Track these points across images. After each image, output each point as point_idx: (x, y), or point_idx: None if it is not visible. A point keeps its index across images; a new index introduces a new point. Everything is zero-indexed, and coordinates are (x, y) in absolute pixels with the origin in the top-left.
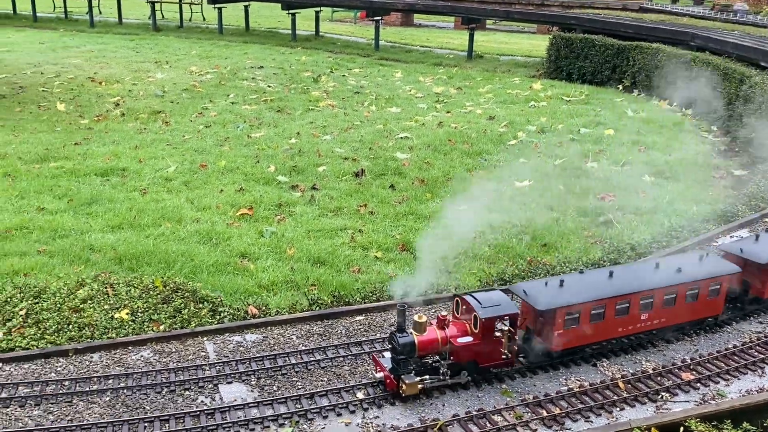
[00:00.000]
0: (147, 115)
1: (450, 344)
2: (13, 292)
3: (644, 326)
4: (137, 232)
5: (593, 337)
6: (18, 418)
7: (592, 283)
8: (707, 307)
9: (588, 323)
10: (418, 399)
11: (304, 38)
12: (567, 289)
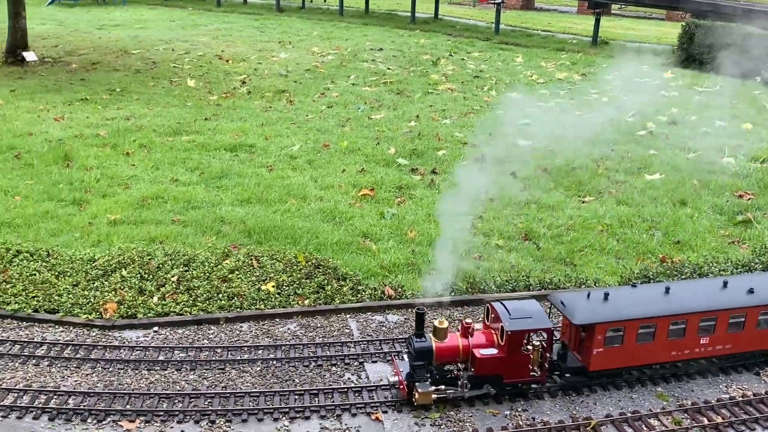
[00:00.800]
0: (272, 93)
1: (472, 355)
2: (164, 259)
3: (704, 351)
4: (264, 207)
5: (640, 359)
6: (175, 381)
7: (642, 298)
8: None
9: (633, 343)
10: (567, 395)
11: (422, 21)
12: (611, 304)
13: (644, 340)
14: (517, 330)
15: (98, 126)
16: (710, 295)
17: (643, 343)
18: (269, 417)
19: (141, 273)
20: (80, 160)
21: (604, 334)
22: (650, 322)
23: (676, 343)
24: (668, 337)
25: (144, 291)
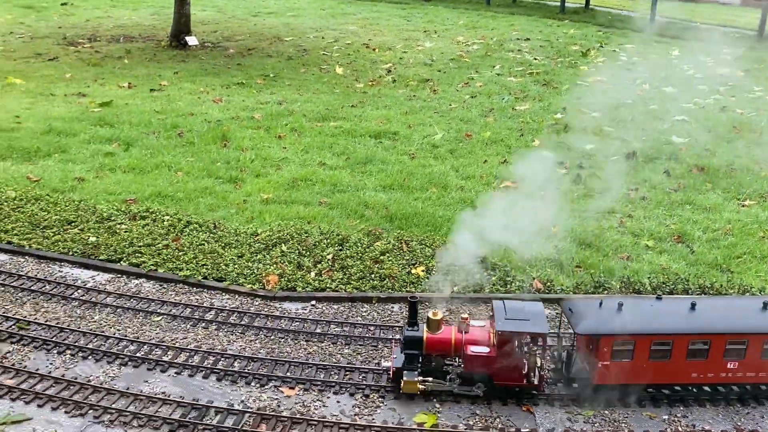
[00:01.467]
0: (416, 82)
1: (463, 351)
2: (319, 238)
3: (733, 378)
4: (406, 194)
5: (653, 377)
6: (332, 354)
7: (662, 312)
8: None
9: (646, 360)
10: (731, 405)
11: (572, 11)
12: (624, 315)
13: (659, 357)
14: (507, 330)
15: (253, 109)
16: (743, 316)
17: (659, 360)
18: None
19: (299, 249)
20: (236, 141)
21: (611, 347)
22: (666, 339)
23: (698, 364)
24: (687, 357)
25: (302, 266)
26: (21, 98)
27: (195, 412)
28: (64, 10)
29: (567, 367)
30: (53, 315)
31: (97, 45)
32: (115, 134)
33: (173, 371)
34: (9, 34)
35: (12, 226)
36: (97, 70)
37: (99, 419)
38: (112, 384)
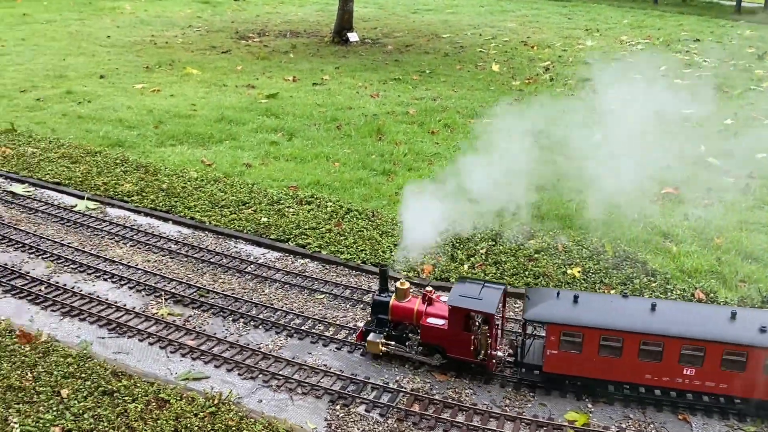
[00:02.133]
0: (575, 81)
1: (421, 321)
2: (473, 232)
3: (690, 385)
4: (559, 195)
5: (604, 373)
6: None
7: (619, 309)
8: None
9: (596, 354)
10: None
11: (749, 11)
12: (578, 307)
13: (609, 353)
14: (456, 306)
15: (408, 104)
16: (705, 323)
17: (609, 356)
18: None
19: (453, 242)
20: (390, 135)
21: (559, 336)
22: (616, 336)
23: (651, 366)
24: (639, 357)
25: (455, 258)
26: (197, 88)
27: (353, 386)
28: (237, 6)
29: (522, 352)
30: (229, 286)
31: (265, 40)
32: (279, 125)
33: (334, 346)
34: (188, 27)
35: (194, 204)
36: (265, 64)
37: (267, 383)
38: (280, 353)
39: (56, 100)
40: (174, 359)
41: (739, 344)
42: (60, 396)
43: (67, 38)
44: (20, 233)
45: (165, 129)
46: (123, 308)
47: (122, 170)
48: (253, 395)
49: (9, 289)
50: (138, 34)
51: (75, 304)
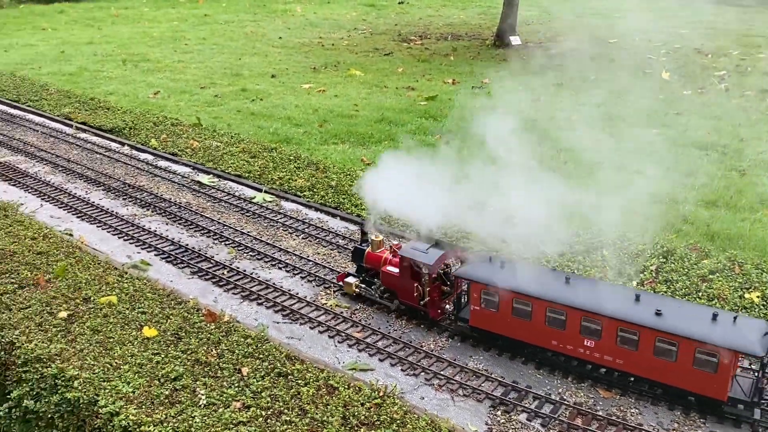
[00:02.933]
0: (754, 92)
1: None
2: (642, 247)
3: (590, 356)
4: (732, 213)
5: (516, 333)
6: None
7: (536, 278)
8: (698, 379)
9: (509, 315)
10: None
11: None
12: (502, 271)
13: (520, 316)
14: (403, 256)
15: (570, 110)
16: (608, 300)
17: (520, 319)
18: None
19: (620, 254)
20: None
21: (479, 294)
22: (525, 300)
23: (557, 333)
24: (546, 323)
25: (622, 273)
26: (360, 88)
27: (514, 394)
28: (401, 8)
29: (458, 307)
30: None
31: (426, 42)
32: (438, 126)
33: (494, 351)
34: (353, 29)
35: (360, 202)
36: (425, 66)
37: (429, 382)
38: (441, 353)
39: (232, 96)
40: (341, 349)
41: (632, 322)
42: (240, 373)
43: (243, 38)
44: (206, 220)
45: (329, 128)
46: (296, 296)
47: (295, 166)
48: (416, 392)
49: (196, 270)
50: (307, 35)
51: (253, 289)
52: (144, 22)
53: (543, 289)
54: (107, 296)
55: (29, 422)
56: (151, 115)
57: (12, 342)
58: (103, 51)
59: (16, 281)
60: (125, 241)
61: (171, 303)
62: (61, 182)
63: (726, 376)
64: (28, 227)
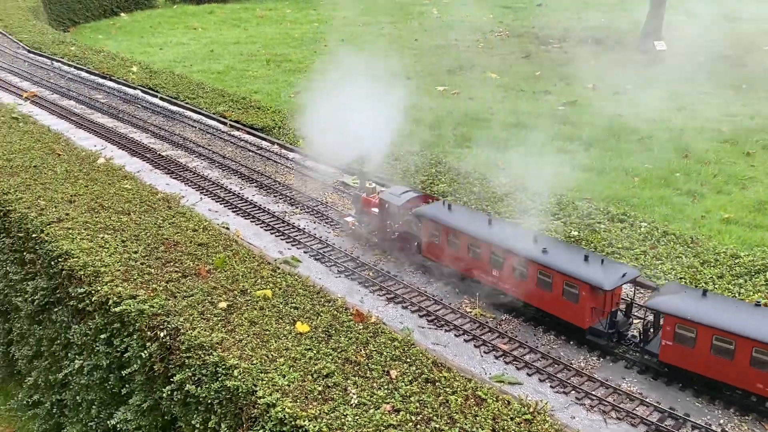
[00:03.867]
0: None
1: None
2: None
3: (500, 285)
4: None
5: (439, 258)
6: None
7: (452, 214)
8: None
9: (435, 244)
10: None
11: None
12: (425, 209)
13: (434, 239)
14: (381, 198)
15: (719, 121)
16: (513, 238)
17: (435, 242)
18: None
19: None
20: (698, 152)
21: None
22: (437, 227)
23: (470, 260)
24: (449, 247)
25: None
26: (495, 91)
27: (671, 421)
28: (539, 11)
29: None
30: None
31: (565, 45)
32: (575, 133)
33: (650, 374)
34: (489, 32)
35: (504, 209)
36: (564, 70)
37: (580, 401)
38: (592, 372)
39: None
40: (487, 359)
41: (520, 254)
42: (389, 376)
43: (380, 40)
44: None
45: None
46: (440, 302)
47: (437, 170)
48: (566, 410)
49: (343, 270)
50: (442, 37)
51: (398, 291)
52: (286, 23)
53: (455, 219)
54: (262, 290)
55: (189, 405)
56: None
57: (177, 328)
58: (248, 50)
59: (180, 270)
60: (276, 237)
61: (321, 300)
62: (218, 177)
63: (584, 306)
64: (189, 219)
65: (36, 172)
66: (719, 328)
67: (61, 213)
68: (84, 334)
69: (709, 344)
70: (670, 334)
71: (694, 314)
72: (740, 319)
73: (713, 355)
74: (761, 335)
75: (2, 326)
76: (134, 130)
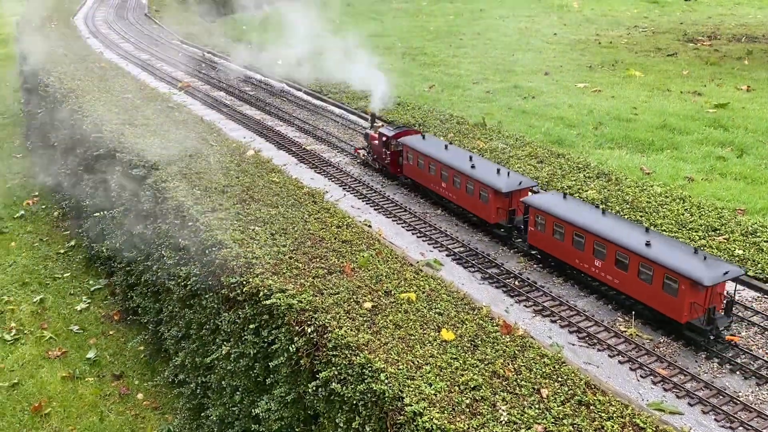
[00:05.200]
0: None
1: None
2: None
3: (445, 195)
4: None
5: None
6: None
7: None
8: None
9: (416, 168)
10: None
11: None
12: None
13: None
14: (380, 132)
15: None
16: (456, 158)
17: (411, 164)
18: None
19: None
20: None
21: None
22: (418, 155)
23: (431, 178)
24: (428, 171)
25: None
26: (639, 90)
27: None
28: (688, 6)
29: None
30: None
31: (716, 43)
32: (728, 138)
33: None
34: (633, 27)
35: (660, 221)
36: (714, 70)
37: None
38: (762, 407)
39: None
40: (644, 384)
41: (463, 172)
42: (540, 395)
43: (517, 34)
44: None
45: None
46: (592, 318)
47: (584, 175)
48: None
49: (486, 276)
50: (583, 32)
51: (546, 304)
52: (422, 16)
53: (428, 148)
54: (406, 292)
55: (333, 403)
56: (438, 113)
57: (324, 325)
58: (384, 43)
59: (326, 267)
60: (418, 238)
61: (465, 308)
62: (360, 174)
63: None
64: (334, 215)
65: (191, 162)
66: (556, 216)
67: (215, 203)
68: (233, 322)
69: (552, 229)
70: (533, 222)
71: (546, 207)
72: (574, 211)
73: (555, 238)
74: (580, 222)
75: (153, 305)
76: (280, 123)
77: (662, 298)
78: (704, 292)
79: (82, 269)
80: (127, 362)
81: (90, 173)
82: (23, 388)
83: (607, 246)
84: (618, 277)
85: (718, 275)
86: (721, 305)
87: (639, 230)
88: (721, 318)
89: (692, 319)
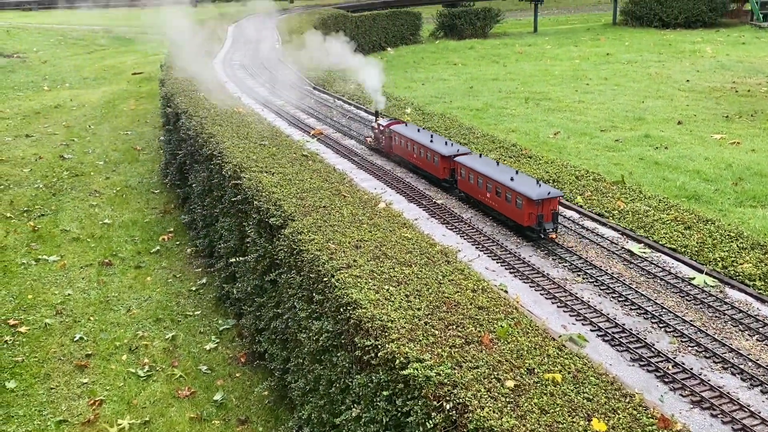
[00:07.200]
0: None
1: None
2: None
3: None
4: None
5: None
6: None
7: (408, 131)
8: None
9: (400, 146)
10: None
11: None
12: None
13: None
14: (379, 123)
15: None
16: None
17: (396, 143)
18: None
19: None
20: None
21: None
22: (403, 141)
23: (414, 155)
24: (407, 147)
25: None
26: None
27: None
28: None
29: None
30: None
31: None
32: None
33: None
34: None
35: None
36: None
37: None
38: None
39: (633, 142)
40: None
41: (421, 144)
42: None
43: (646, 80)
44: (641, 297)
45: (745, 187)
46: (757, 416)
47: (738, 245)
48: None
49: (637, 357)
50: (717, 79)
51: (704, 394)
52: (546, 59)
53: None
54: (551, 372)
55: None
56: (573, 168)
57: (464, 403)
58: (506, 87)
59: (463, 335)
60: (558, 308)
61: (616, 394)
62: (492, 233)
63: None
64: (468, 277)
65: (325, 213)
66: (471, 168)
67: (349, 259)
68: (365, 386)
69: (468, 175)
70: (459, 173)
71: (467, 163)
72: (480, 165)
73: (471, 183)
74: (482, 171)
75: (281, 353)
76: (409, 174)
77: (516, 211)
78: (535, 205)
79: (212, 308)
80: (252, 407)
81: (225, 217)
82: (153, 427)
83: (492, 183)
84: (496, 202)
85: (543, 194)
86: (549, 217)
87: (511, 172)
88: (547, 224)
89: (530, 224)
